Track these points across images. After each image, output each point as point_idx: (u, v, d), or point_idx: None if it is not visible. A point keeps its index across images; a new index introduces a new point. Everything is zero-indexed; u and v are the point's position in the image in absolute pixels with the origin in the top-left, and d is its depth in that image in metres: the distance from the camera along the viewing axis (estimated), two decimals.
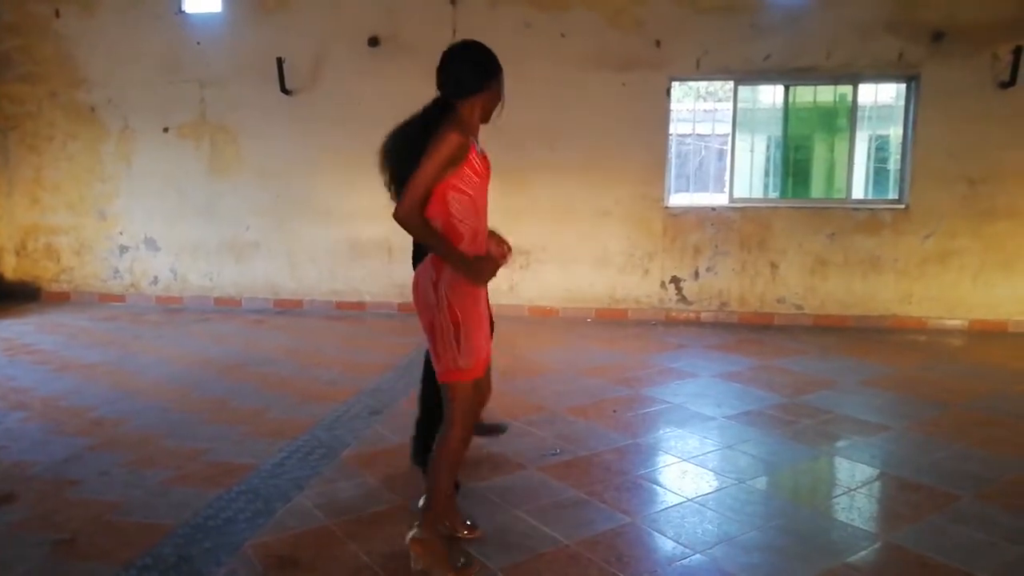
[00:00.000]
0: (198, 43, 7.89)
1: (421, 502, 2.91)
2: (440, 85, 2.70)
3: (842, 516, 3.33)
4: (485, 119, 2.76)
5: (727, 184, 7.78)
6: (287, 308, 8.15)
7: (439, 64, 2.70)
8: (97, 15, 7.99)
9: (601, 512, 3.30)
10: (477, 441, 3.87)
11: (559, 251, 7.68)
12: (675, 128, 8.03)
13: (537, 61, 7.33)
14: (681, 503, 3.41)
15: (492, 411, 4.05)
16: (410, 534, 2.76)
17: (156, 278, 8.37)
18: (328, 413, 4.64)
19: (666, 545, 3.04)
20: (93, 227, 8.38)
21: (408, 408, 4.38)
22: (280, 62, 7.58)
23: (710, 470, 3.80)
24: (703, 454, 4.02)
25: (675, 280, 7.59)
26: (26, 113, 8.25)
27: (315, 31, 7.70)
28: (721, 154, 8.65)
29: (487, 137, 2.85)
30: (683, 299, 7.61)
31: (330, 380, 5.42)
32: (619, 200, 7.53)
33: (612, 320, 7.61)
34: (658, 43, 7.26)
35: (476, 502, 3.38)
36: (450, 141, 2.51)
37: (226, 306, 8.22)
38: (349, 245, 7.98)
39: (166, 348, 6.43)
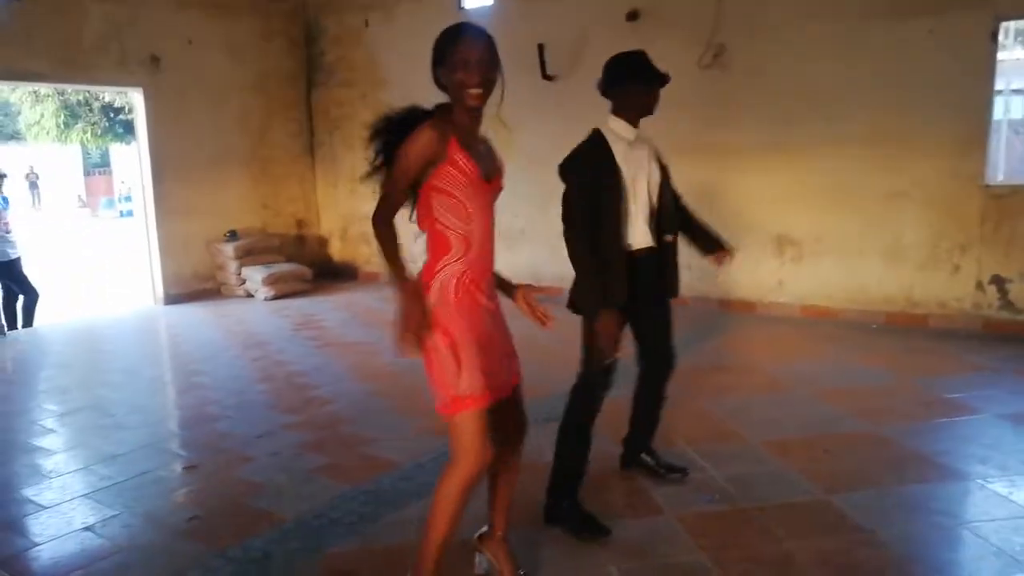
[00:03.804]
0: None
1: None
2: None
3: None
4: (468, 100, 2.29)
5: None
6: (547, 295, 8.12)
7: None
8: (395, 20, 8.74)
9: None
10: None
11: (838, 242, 6.45)
12: (1007, 83, 6.20)
13: (812, 18, 6.19)
14: None
15: (668, 434, 3.52)
16: None
17: None
18: None
19: None
20: None
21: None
22: (541, 48, 7.51)
23: (906, 558, 2.80)
24: (912, 535, 2.98)
25: (997, 280, 5.89)
26: (344, 115, 9.40)
27: (576, 13, 7.47)
28: None
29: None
30: (1008, 305, 5.87)
31: (543, 376, 5.20)
32: (918, 179, 6.04)
33: (907, 327, 6.18)
34: None
35: (570, 549, 2.95)
36: (419, 135, 2.22)
37: None
38: None
39: None
